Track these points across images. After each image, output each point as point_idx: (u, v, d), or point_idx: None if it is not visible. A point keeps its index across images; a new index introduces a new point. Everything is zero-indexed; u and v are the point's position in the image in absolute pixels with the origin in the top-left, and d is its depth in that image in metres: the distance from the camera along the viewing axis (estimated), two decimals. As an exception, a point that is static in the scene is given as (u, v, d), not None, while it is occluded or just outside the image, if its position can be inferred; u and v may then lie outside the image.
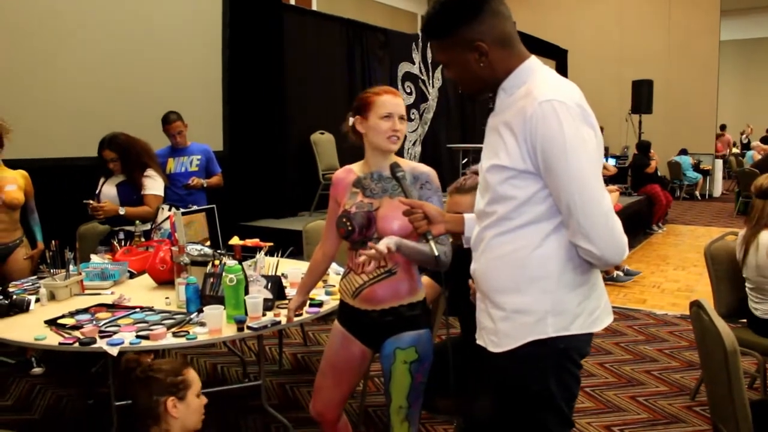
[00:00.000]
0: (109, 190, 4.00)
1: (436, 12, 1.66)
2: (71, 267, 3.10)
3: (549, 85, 1.59)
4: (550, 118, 1.52)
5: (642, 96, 11.54)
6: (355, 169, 2.32)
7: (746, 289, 3.40)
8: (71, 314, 2.73)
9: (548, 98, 1.53)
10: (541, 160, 1.54)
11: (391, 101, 2.19)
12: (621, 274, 6.34)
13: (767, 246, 3.20)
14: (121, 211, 3.88)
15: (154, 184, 4.01)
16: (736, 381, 2.03)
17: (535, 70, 1.67)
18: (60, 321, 2.64)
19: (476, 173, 2.09)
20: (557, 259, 1.60)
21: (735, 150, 17.16)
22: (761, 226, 3.26)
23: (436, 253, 1.85)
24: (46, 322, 2.63)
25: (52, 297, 2.99)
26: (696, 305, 2.30)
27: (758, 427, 2.08)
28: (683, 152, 13.10)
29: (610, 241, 1.53)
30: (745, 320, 3.52)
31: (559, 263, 1.60)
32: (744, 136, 18.81)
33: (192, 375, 1.92)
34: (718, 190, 14.02)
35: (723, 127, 17.42)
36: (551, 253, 1.60)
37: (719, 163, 14.17)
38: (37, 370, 3.93)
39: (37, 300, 2.93)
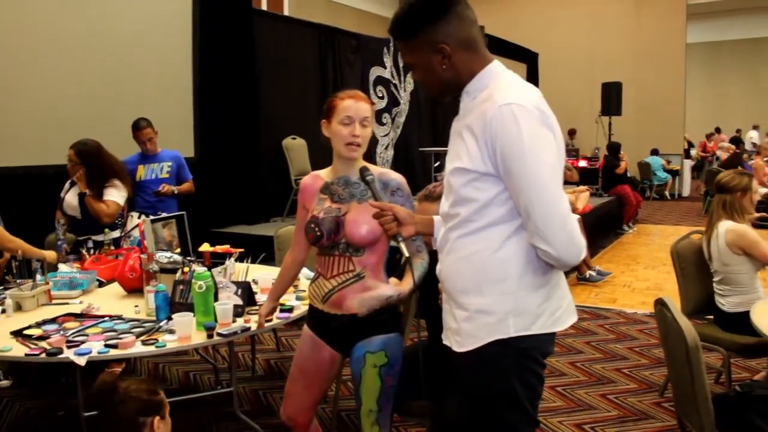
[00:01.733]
0: (72, 199, 4.00)
1: (403, 13, 1.69)
2: (38, 276, 3.06)
3: (509, 88, 1.62)
4: (509, 121, 1.55)
5: (611, 98, 11.69)
6: (323, 174, 2.33)
7: (713, 284, 3.48)
8: (38, 324, 2.69)
9: (508, 101, 1.56)
10: (500, 162, 1.57)
11: (352, 106, 2.18)
12: (594, 274, 6.42)
13: (724, 232, 3.35)
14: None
15: (115, 193, 4.02)
16: (698, 376, 2.07)
17: (497, 73, 1.70)
18: (26, 332, 2.60)
19: None
20: (517, 261, 1.63)
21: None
22: (716, 218, 3.42)
23: (407, 254, 1.86)
24: (12, 333, 2.59)
25: (18, 307, 2.94)
26: (659, 303, 2.35)
27: (720, 421, 2.12)
28: (654, 152, 13.28)
29: (567, 243, 1.55)
30: (711, 317, 3.59)
31: (520, 265, 1.63)
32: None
33: (163, 395, 1.86)
34: (686, 189, 14.25)
35: (718, 130, 17.82)
36: (512, 255, 1.63)
37: (688, 163, 14.40)
38: (3, 382, 3.86)
39: (3, 311, 2.89)
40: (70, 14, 5.20)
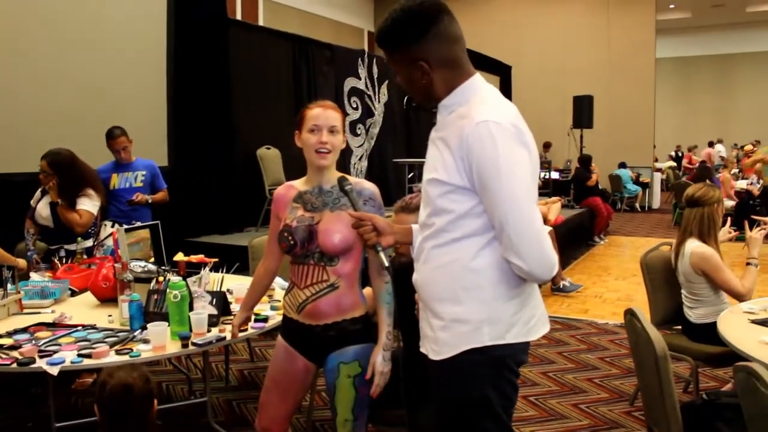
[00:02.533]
0: (43, 209, 3.97)
1: (386, 26, 1.72)
2: (9, 285, 3.03)
3: (487, 105, 1.65)
4: (486, 138, 1.58)
5: (583, 111, 11.83)
6: (297, 184, 2.34)
7: (681, 295, 3.55)
8: (9, 334, 2.67)
9: (485, 119, 1.59)
10: (476, 177, 1.60)
11: (320, 114, 2.20)
12: (567, 284, 6.48)
13: (690, 253, 3.40)
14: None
15: (88, 202, 3.99)
16: (666, 385, 2.12)
17: (477, 89, 1.72)
18: (-3, 341, 2.58)
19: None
20: (492, 271, 1.66)
21: (672, 163, 17.79)
22: (688, 233, 3.46)
23: (386, 264, 1.89)
24: (-18, 342, 2.56)
25: (-12, 317, 2.91)
26: (629, 313, 2.40)
27: (688, 429, 2.17)
28: (622, 165, 13.48)
29: (539, 259, 1.59)
30: (680, 327, 3.66)
31: (494, 275, 1.66)
32: (678, 150, 19.61)
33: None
34: (656, 202, 14.47)
35: (711, 144, 18.18)
36: (486, 266, 1.66)
37: (657, 176, 14.64)
38: (-27, 393, 3.80)
39: (-27, 320, 2.85)
40: (44, 23, 5.15)
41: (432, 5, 1.68)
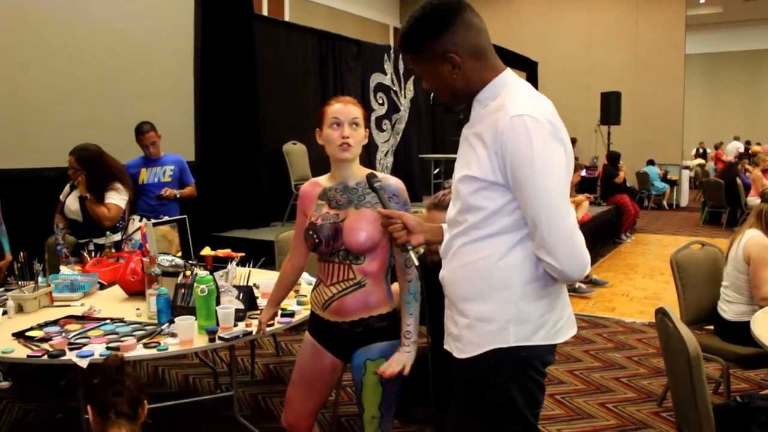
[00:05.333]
0: (72, 203, 4.02)
1: (410, 27, 1.69)
2: (40, 278, 3.07)
3: (522, 99, 1.61)
4: (521, 133, 1.54)
5: (610, 107, 11.70)
6: (322, 181, 2.33)
7: (721, 289, 3.49)
8: (40, 326, 2.70)
9: (520, 113, 1.56)
10: (510, 173, 1.57)
11: (340, 109, 2.18)
12: (583, 286, 6.34)
13: (748, 238, 3.37)
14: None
15: (116, 196, 4.02)
16: (699, 385, 2.08)
17: (509, 83, 1.69)
18: (28, 333, 2.61)
19: None
20: (521, 270, 1.63)
21: (700, 161, 17.50)
22: (750, 224, 3.47)
23: (416, 263, 1.87)
24: (13, 334, 2.60)
25: (20, 309, 2.95)
26: (660, 312, 2.36)
27: (720, 431, 2.13)
28: (650, 163, 13.32)
29: (572, 258, 1.56)
30: (711, 327, 3.60)
31: (523, 274, 1.63)
32: (700, 147, 19.29)
33: None
34: (684, 200, 14.28)
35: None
36: (516, 264, 1.63)
37: (686, 173, 14.43)
38: (3, 384, 3.86)
39: (5, 312, 2.89)
40: (73, 18, 5.20)
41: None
